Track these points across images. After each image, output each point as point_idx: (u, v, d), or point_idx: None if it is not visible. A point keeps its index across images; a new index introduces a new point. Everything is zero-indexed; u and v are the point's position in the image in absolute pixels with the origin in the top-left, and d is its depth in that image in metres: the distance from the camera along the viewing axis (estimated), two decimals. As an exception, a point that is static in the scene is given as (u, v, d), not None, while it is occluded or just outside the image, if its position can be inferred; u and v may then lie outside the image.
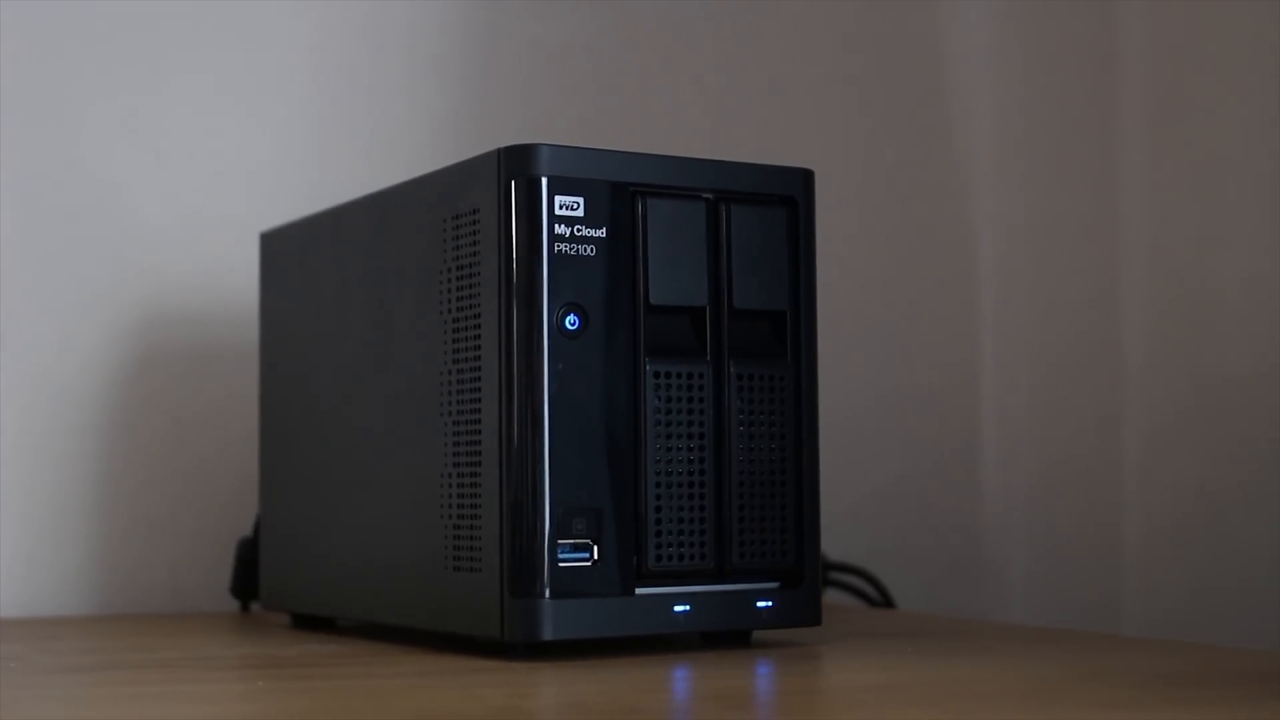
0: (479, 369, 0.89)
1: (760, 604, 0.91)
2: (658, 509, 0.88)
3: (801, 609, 0.92)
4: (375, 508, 0.97)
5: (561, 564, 0.86)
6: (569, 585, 0.86)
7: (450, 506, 0.90)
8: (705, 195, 0.91)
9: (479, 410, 0.88)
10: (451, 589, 0.90)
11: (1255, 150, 1.26)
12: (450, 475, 0.90)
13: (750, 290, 0.91)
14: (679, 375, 0.89)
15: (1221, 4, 1.28)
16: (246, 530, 1.19)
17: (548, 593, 0.86)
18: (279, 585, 1.09)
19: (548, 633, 0.86)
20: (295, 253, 1.08)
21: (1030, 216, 1.39)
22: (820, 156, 1.02)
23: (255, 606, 1.20)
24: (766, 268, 0.92)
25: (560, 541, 0.86)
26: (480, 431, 0.88)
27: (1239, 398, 1.26)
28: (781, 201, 0.93)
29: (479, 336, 0.89)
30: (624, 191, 0.89)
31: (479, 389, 0.89)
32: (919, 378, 1.37)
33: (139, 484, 1.21)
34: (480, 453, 0.88)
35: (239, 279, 1.23)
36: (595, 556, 0.87)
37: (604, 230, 0.88)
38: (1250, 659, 0.87)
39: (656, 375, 0.89)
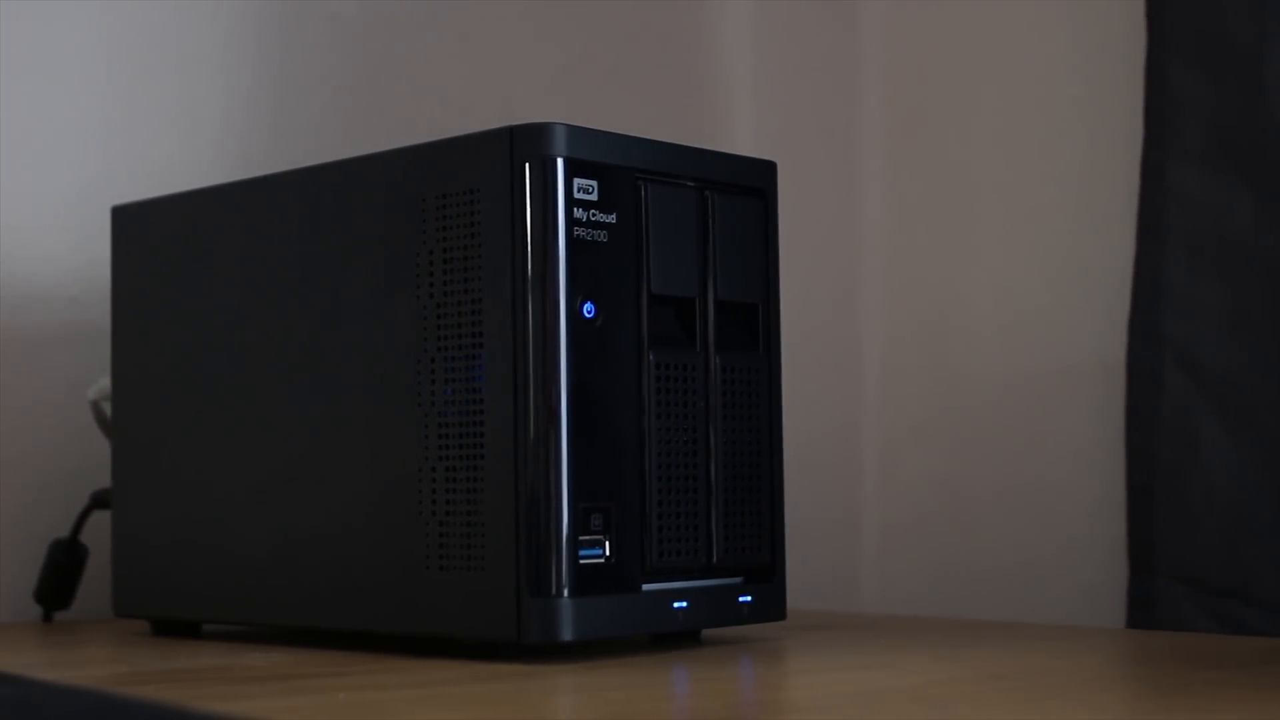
0: (477, 358, 0.84)
1: (742, 599, 0.90)
2: (660, 503, 0.86)
3: (772, 604, 0.92)
4: (307, 506, 0.91)
5: (581, 561, 0.83)
6: (586, 583, 0.83)
7: (434, 504, 0.85)
8: (690, 183, 0.89)
9: (479, 402, 0.84)
10: (439, 590, 0.85)
11: (996, 159, 1.32)
12: (434, 470, 0.85)
13: (730, 281, 0.90)
14: (676, 367, 0.87)
15: (958, 15, 1.34)
16: (56, 532, 1.09)
17: (566, 591, 0.82)
18: (142, 590, 1.00)
19: (567, 633, 0.82)
20: (168, 229, 0.99)
21: (783, 219, 1.42)
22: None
23: (59, 614, 1.10)
24: (742, 259, 0.91)
25: (579, 538, 0.83)
26: (482, 424, 0.84)
27: (984, 398, 1.33)
28: (754, 192, 0.92)
29: (478, 324, 0.84)
30: (629, 176, 0.86)
31: (476, 379, 0.84)
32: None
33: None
34: (482, 446, 0.84)
35: (34, 254, 1.12)
36: (608, 553, 0.84)
37: (614, 216, 0.85)
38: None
39: (658, 367, 0.86)
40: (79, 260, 1.13)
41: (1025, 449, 1.30)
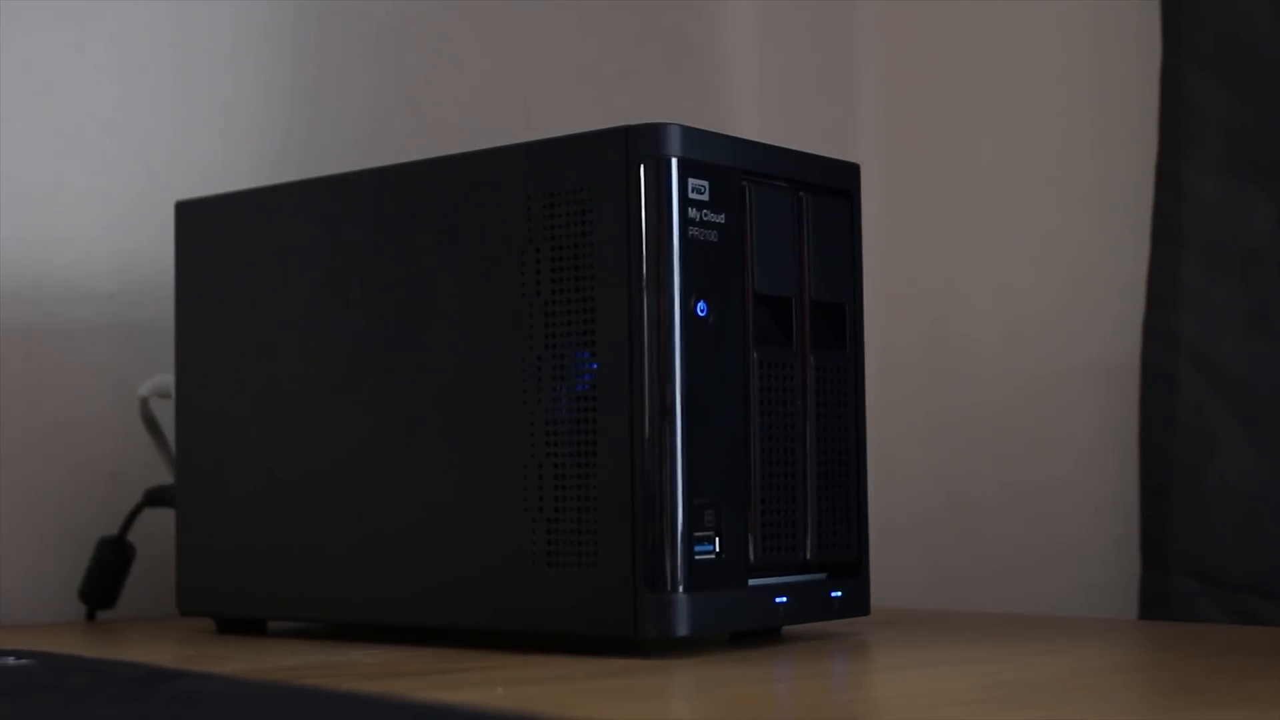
0: (588, 356, 0.85)
1: (833, 594, 0.91)
2: (763, 500, 0.87)
3: (858, 599, 0.93)
4: (399, 503, 0.91)
5: (696, 557, 0.84)
6: (699, 579, 0.84)
7: (542, 500, 0.86)
8: (784, 184, 0.90)
9: (591, 398, 0.85)
10: (547, 586, 0.85)
11: (1004, 161, 1.34)
12: (541, 467, 0.86)
13: (822, 282, 0.91)
14: (776, 365, 0.88)
15: (964, 18, 1.36)
16: (94, 530, 1.08)
17: (681, 587, 0.83)
18: (209, 588, 0.99)
19: (682, 628, 0.83)
20: (239, 225, 0.99)
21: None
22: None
23: (101, 614, 1.09)
24: (832, 259, 0.92)
25: (694, 534, 0.84)
26: (594, 421, 0.84)
27: (983, 397, 1.35)
28: (840, 194, 0.93)
29: (589, 321, 0.85)
30: (735, 177, 0.87)
31: (588, 376, 0.85)
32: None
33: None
34: (594, 443, 0.84)
35: (71, 251, 1.11)
36: (718, 549, 0.85)
37: (723, 216, 0.86)
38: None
39: (762, 365, 0.88)
40: (117, 257, 1.12)
41: (1030, 448, 1.32)
